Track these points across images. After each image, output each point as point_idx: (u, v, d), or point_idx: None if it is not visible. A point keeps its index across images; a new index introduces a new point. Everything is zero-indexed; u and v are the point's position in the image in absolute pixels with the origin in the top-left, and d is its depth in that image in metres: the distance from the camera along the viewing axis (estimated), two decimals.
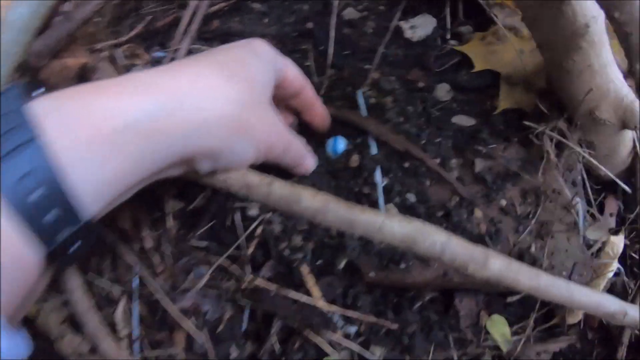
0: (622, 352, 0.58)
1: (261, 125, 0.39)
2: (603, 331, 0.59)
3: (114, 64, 0.54)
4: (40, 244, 0.29)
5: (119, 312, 0.54)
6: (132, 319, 0.53)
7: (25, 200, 0.27)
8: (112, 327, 0.54)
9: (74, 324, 0.52)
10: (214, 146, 0.36)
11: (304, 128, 0.52)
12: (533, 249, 0.49)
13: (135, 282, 0.54)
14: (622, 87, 0.50)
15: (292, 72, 0.46)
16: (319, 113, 0.51)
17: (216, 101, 0.35)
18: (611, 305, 0.45)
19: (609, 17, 0.35)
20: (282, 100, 0.49)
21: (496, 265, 0.38)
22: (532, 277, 0.40)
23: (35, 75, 0.50)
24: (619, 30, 0.36)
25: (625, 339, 0.57)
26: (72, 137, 0.29)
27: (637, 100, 0.49)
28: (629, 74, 0.37)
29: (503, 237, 0.49)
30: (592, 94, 0.48)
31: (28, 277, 0.30)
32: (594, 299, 0.44)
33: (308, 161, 0.49)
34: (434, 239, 0.37)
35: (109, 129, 0.30)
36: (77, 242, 0.31)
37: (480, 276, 0.38)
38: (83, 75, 0.53)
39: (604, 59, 0.47)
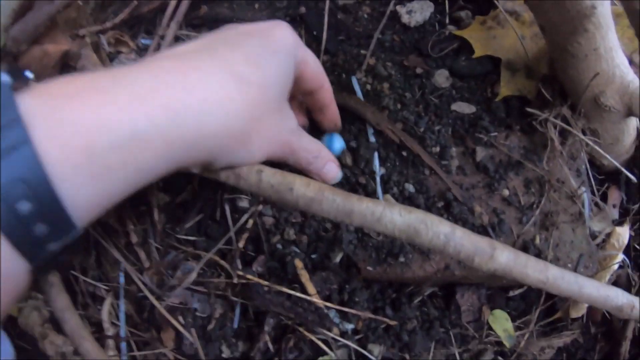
0: (625, 346, 0.56)
1: (261, 138, 0.35)
2: (606, 325, 0.57)
3: (98, 52, 0.51)
4: (27, 257, 0.27)
5: (105, 311, 0.51)
6: (118, 318, 0.51)
7: (14, 211, 0.25)
8: (98, 326, 0.51)
9: (55, 323, 0.49)
10: (209, 158, 0.33)
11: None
12: (538, 240, 0.47)
13: (121, 279, 0.51)
14: (627, 72, 0.48)
15: (311, 68, 0.40)
16: (332, 116, 0.46)
17: (220, 115, 0.31)
18: (619, 298, 0.43)
19: None
20: (294, 95, 0.44)
21: (503, 257, 0.36)
22: (540, 270, 0.38)
23: (14, 62, 0.47)
24: (630, 7, 0.34)
25: (629, 333, 0.56)
26: (64, 149, 0.26)
27: None
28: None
29: (506, 229, 0.47)
30: (597, 80, 0.46)
31: (16, 288, 0.27)
32: (602, 292, 0.42)
33: (326, 170, 0.42)
34: (437, 229, 0.35)
35: (101, 145, 0.27)
36: (64, 252, 0.28)
37: (487, 269, 0.36)
38: (65, 63, 0.50)
39: (610, 43, 0.45)
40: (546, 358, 0.53)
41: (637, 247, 0.57)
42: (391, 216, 0.35)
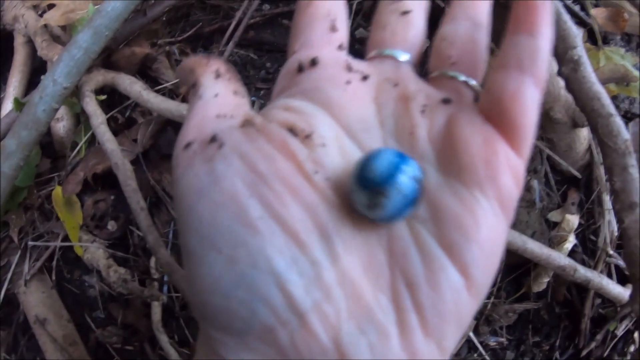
0: (585, 323, 0.67)
1: None
2: (569, 306, 0.68)
3: (169, 58, 0.67)
4: None
5: (153, 260, 0.64)
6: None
7: None
8: (146, 272, 0.64)
9: (117, 259, 0.62)
10: None
11: None
12: None
13: (170, 235, 0.64)
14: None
15: None
16: None
17: None
18: (562, 260, 0.55)
19: None
20: None
21: None
22: None
23: (109, 56, 0.63)
24: None
25: (587, 311, 0.67)
26: None
27: None
28: (558, 74, 0.49)
29: None
30: (546, 98, 0.61)
31: None
32: (545, 251, 0.55)
33: None
34: None
35: None
36: None
37: None
38: (145, 63, 0.66)
39: (554, 69, 0.60)
40: (510, 322, 0.65)
41: (592, 237, 0.69)
42: None
